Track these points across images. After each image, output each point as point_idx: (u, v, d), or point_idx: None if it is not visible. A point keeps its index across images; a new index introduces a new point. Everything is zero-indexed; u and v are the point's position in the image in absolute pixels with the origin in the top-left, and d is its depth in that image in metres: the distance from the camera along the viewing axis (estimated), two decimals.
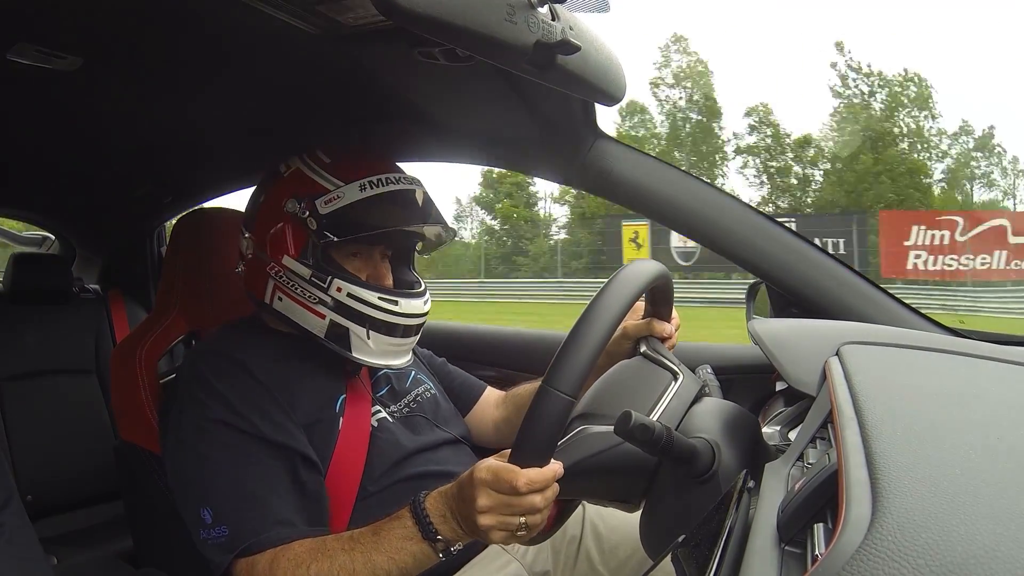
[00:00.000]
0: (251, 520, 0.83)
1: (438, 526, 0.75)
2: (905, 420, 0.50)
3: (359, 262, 0.97)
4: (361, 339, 0.94)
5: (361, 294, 0.93)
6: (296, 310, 0.95)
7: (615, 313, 0.69)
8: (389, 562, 0.76)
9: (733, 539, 0.48)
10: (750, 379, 1.20)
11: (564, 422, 0.68)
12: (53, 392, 1.83)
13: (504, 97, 1.01)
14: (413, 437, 1.01)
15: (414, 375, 1.13)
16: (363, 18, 0.77)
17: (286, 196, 0.95)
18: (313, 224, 0.93)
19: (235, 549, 0.82)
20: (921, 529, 0.34)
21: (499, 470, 0.69)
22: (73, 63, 0.93)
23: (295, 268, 0.94)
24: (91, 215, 2.01)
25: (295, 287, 0.95)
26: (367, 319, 0.94)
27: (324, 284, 0.93)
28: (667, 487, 0.71)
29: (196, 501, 0.85)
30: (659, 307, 0.95)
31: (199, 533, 0.85)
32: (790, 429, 0.79)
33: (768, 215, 1.14)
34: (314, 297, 0.94)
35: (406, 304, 0.96)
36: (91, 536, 1.73)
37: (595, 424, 0.75)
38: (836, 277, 1.11)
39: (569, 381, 0.66)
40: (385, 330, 0.95)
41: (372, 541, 0.77)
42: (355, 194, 0.93)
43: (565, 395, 0.66)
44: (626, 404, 0.75)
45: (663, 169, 1.15)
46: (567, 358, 0.67)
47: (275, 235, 0.96)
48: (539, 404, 0.66)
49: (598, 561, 1.02)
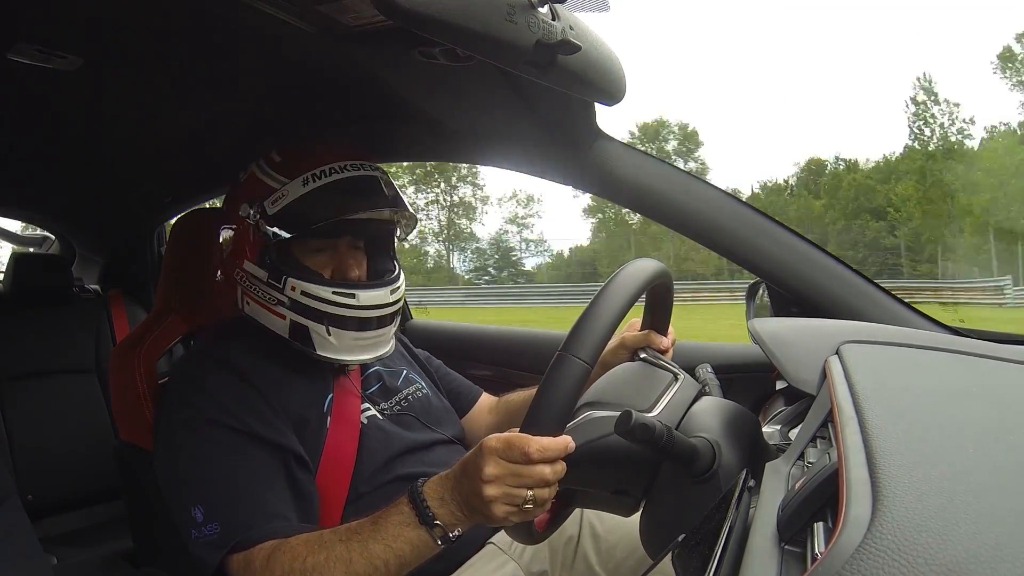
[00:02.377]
0: (243, 515, 0.82)
1: (435, 510, 0.73)
2: (905, 419, 0.51)
3: (325, 257, 0.96)
4: (322, 336, 0.93)
5: (313, 291, 0.92)
6: (261, 313, 0.96)
7: (632, 289, 0.71)
8: (386, 550, 0.74)
9: (733, 538, 0.48)
10: (750, 378, 1.20)
11: (580, 390, 0.67)
12: (53, 392, 1.84)
13: (505, 97, 1.01)
14: (405, 436, 1.01)
15: (406, 374, 1.12)
16: (363, 18, 0.77)
17: (241, 201, 0.96)
18: (263, 226, 0.93)
19: (227, 545, 0.80)
20: (921, 528, 0.34)
21: (510, 438, 0.68)
22: (73, 63, 0.93)
23: (254, 271, 0.95)
24: (91, 215, 2.01)
25: (256, 290, 0.95)
26: (324, 315, 0.93)
27: (280, 284, 0.93)
28: (667, 486, 0.71)
29: (187, 501, 0.84)
30: (657, 319, 0.95)
31: (190, 533, 0.83)
32: (790, 428, 0.79)
33: (768, 215, 1.14)
34: (273, 298, 0.94)
35: (364, 296, 0.94)
36: (91, 536, 1.74)
37: (600, 410, 0.75)
38: (836, 276, 1.11)
39: (586, 348, 0.66)
40: (344, 324, 0.94)
41: (370, 530, 0.76)
42: (298, 189, 0.93)
43: (582, 361, 0.66)
44: (629, 396, 0.75)
45: (663, 169, 1.15)
46: (585, 326, 0.67)
47: (235, 241, 0.97)
48: (555, 370, 0.66)
49: (595, 562, 1.01)
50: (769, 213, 1.15)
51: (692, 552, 0.53)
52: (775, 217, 1.16)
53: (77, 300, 1.99)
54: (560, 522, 0.84)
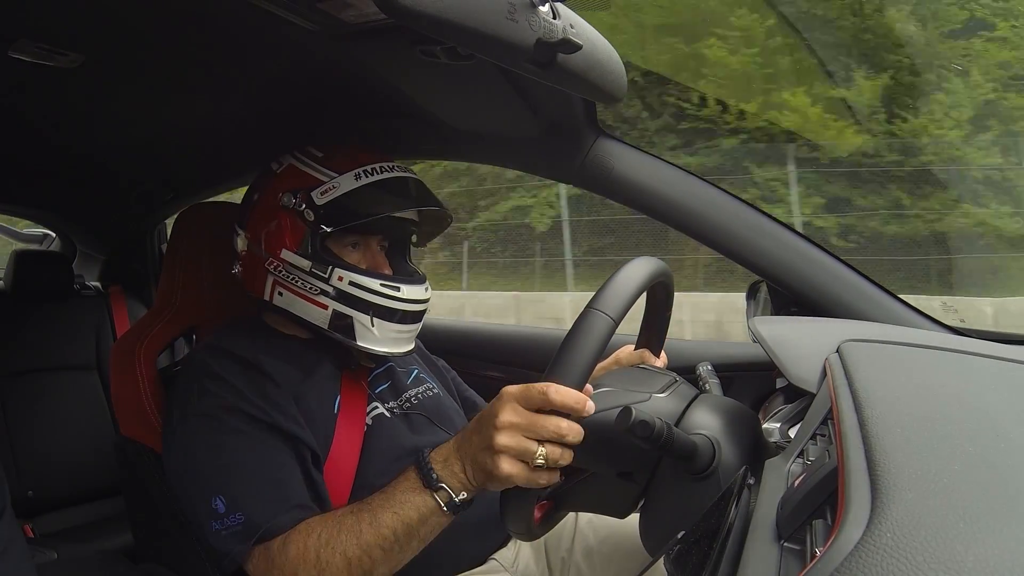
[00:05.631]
0: (270, 504, 0.81)
1: (439, 471, 0.73)
2: (905, 418, 0.51)
3: (358, 253, 0.97)
4: (365, 327, 0.94)
5: (363, 281, 0.93)
6: (297, 303, 0.95)
7: (655, 264, 0.75)
8: (393, 517, 0.74)
9: (732, 535, 0.49)
10: (750, 376, 1.20)
11: (604, 344, 0.67)
12: (54, 389, 1.84)
13: (505, 96, 1.01)
14: (412, 435, 1.00)
15: (417, 373, 1.12)
16: (364, 16, 0.77)
17: (281, 191, 0.96)
18: (310, 215, 0.93)
19: (254, 535, 0.79)
20: (920, 526, 0.34)
21: (530, 385, 0.67)
22: (74, 60, 0.93)
23: (294, 261, 0.94)
24: (92, 212, 2.01)
25: (295, 280, 0.95)
26: (370, 306, 0.94)
27: (325, 274, 0.93)
28: (667, 484, 0.71)
29: (207, 492, 0.82)
30: (652, 338, 0.96)
31: (210, 525, 0.81)
32: (790, 426, 0.79)
33: (768, 213, 1.14)
34: (315, 288, 0.94)
35: (408, 290, 0.96)
36: (91, 532, 1.74)
37: (610, 388, 0.76)
38: (836, 276, 1.11)
39: (613, 305, 0.67)
40: (389, 316, 0.95)
41: (380, 500, 0.76)
42: (350, 183, 0.94)
43: (608, 316, 0.66)
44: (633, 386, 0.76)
45: (664, 168, 1.15)
46: (614, 284, 0.68)
47: (272, 230, 0.96)
48: (581, 323, 0.66)
49: (587, 573, 1.02)
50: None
51: (691, 549, 0.53)
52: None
53: (78, 297, 1.99)
54: (554, 522, 0.84)
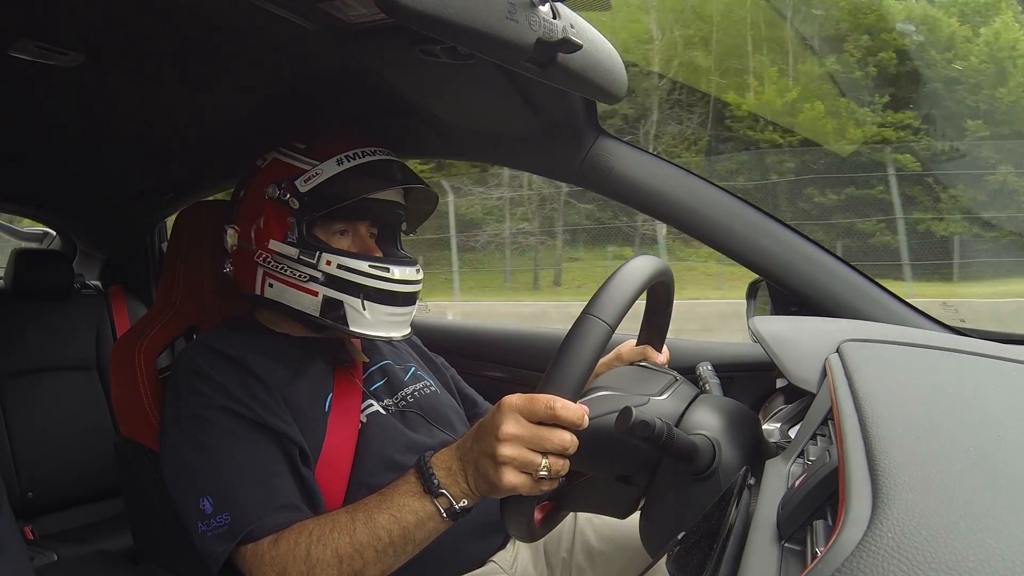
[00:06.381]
0: (255, 504, 0.80)
1: (442, 479, 0.72)
2: (905, 418, 0.51)
3: (346, 240, 0.97)
4: (356, 311, 0.93)
5: (351, 264, 0.93)
6: (288, 292, 0.95)
7: (654, 264, 0.74)
8: (390, 520, 0.73)
9: (733, 536, 0.48)
10: (750, 376, 1.20)
11: (600, 352, 0.66)
12: (54, 389, 1.84)
13: (506, 95, 1.01)
14: (408, 433, 0.99)
15: (414, 371, 1.11)
16: (365, 16, 0.77)
17: (266, 184, 0.96)
18: (295, 203, 0.93)
19: (238, 536, 0.78)
20: (921, 526, 0.34)
21: (532, 396, 0.66)
22: (75, 59, 0.93)
23: (282, 250, 0.94)
24: (92, 211, 2.01)
25: (284, 269, 0.94)
26: (360, 288, 0.93)
27: (313, 260, 0.93)
28: (667, 484, 0.71)
29: (195, 492, 0.82)
30: (653, 334, 0.96)
31: (197, 526, 0.80)
32: (790, 426, 0.79)
33: (768, 213, 1.14)
34: (304, 275, 0.93)
35: (398, 271, 0.95)
36: (91, 533, 1.74)
37: (608, 391, 0.74)
38: (836, 275, 1.11)
39: (609, 310, 0.65)
40: (380, 298, 0.94)
41: (377, 501, 0.75)
42: (333, 168, 0.94)
43: (605, 322, 0.64)
44: (633, 387, 0.75)
45: (664, 167, 1.15)
46: (609, 290, 0.67)
47: (259, 223, 0.96)
48: (576, 331, 0.65)
49: (590, 574, 1.02)
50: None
51: (691, 550, 0.53)
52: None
53: (78, 296, 1.98)
54: (553, 524, 0.83)
